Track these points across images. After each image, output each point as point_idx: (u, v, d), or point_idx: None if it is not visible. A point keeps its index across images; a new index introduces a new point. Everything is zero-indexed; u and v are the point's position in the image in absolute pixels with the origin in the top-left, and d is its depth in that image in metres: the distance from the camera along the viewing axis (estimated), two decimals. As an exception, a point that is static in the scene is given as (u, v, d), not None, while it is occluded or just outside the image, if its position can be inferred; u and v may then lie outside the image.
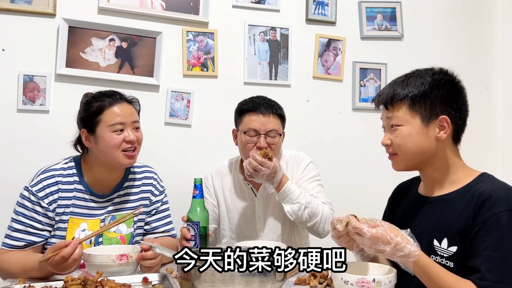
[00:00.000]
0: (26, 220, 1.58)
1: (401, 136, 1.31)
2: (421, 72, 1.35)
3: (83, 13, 2.29)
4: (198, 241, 1.61)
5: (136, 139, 1.66)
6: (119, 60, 2.35)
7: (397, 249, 1.13)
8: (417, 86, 1.30)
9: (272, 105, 1.91)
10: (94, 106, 1.65)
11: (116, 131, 1.62)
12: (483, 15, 2.96)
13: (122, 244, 1.69)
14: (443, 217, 1.28)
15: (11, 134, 2.20)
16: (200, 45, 2.48)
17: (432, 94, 1.29)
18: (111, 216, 1.71)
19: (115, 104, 1.64)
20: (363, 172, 2.69)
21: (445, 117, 1.28)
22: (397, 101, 1.31)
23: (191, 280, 1.12)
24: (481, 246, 1.16)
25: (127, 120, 1.64)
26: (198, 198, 1.65)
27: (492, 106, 2.96)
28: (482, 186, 1.24)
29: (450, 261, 1.23)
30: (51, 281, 1.31)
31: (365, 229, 1.14)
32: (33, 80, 2.23)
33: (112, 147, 1.62)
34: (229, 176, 2.04)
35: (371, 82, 2.75)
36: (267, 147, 1.85)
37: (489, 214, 1.17)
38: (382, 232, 1.13)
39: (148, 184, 1.80)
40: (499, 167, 2.88)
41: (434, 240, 1.27)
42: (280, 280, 1.15)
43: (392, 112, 1.32)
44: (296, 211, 1.79)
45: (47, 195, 1.61)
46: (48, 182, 1.62)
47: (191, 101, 2.46)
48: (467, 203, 1.23)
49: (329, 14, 2.68)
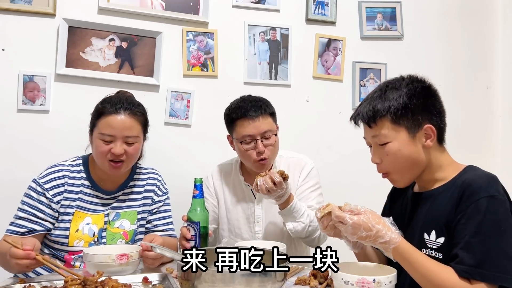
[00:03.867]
0: (29, 209, 1.65)
1: (392, 153, 1.30)
2: (394, 84, 1.33)
3: (83, 13, 2.29)
4: (198, 241, 1.61)
5: (125, 153, 1.65)
6: (119, 60, 2.35)
7: (378, 235, 1.16)
8: (395, 99, 1.29)
9: (260, 106, 1.85)
10: (97, 109, 1.68)
11: (104, 140, 1.64)
12: (483, 15, 2.96)
13: (124, 239, 1.73)
14: (431, 210, 1.30)
15: (11, 134, 2.20)
16: (200, 45, 2.48)
17: (411, 104, 1.28)
18: (115, 213, 1.74)
19: (112, 114, 1.64)
20: (363, 172, 2.68)
21: (429, 125, 1.29)
22: (379, 118, 1.30)
23: (191, 280, 1.12)
24: (461, 233, 1.19)
25: (117, 133, 1.64)
26: (198, 198, 1.65)
27: (492, 106, 2.95)
28: (465, 176, 1.26)
29: (439, 253, 1.25)
30: (51, 281, 1.31)
31: (346, 217, 1.18)
32: (33, 80, 2.23)
33: (99, 154, 1.66)
34: (230, 177, 2.03)
35: (371, 82, 2.75)
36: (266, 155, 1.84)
37: (469, 202, 1.19)
38: (364, 219, 1.17)
39: (152, 184, 1.83)
40: (499, 167, 2.88)
41: (424, 234, 1.29)
42: (280, 280, 1.15)
43: (377, 130, 1.31)
44: (299, 231, 1.79)
45: (53, 187, 1.67)
46: (55, 175, 1.69)
47: (191, 101, 2.46)
48: (452, 194, 1.25)
49: (329, 14, 2.68)
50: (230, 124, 1.90)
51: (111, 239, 1.71)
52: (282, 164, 1.97)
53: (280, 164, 1.97)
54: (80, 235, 1.68)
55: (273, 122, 1.89)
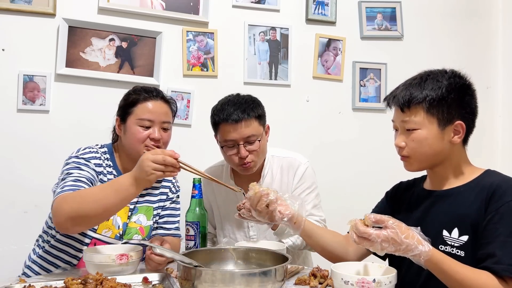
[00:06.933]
0: (81, 171, 1.57)
1: (417, 140, 1.31)
2: (436, 74, 1.34)
3: (83, 13, 2.29)
4: (197, 241, 1.61)
5: (161, 139, 1.67)
6: (119, 60, 2.35)
7: (408, 249, 1.14)
8: (434, 89, 1.29)
9: (244, 110, 1.75)
10: (131, 98, 1.70)
11: (143, 126, 1.65)
12: (483, 15, 2.96)
13: (140, 235, 1.70)
14: (453, 208, 1.30)
15: (11, 134, 2.20)
16: (200, 45, 2.48)
17: (449, 98, 1.29)
18: (133, 207, 1.71)
19: (149, 100, 1.68)
20: (362, 172, 2.69)
21: (461, 122, 1.30)
22: (414, 105, 1.30)
23: (191, 280, 1.12)
24: (494, 233, 1.19)
25: (156, 118, 1.67)
26: (197, 198, 1.66)
27: (492, 106, 2.96)
28: (491, 179, 1.29)
29: (461, 250, 1.25)
30: (51, 281, 1.31)
31: (373, 234, 1.13)
32: (33, 80, 2.23)
33: (137, 141, 1.65)
34: (221, 181, 1.96)
35: (371, 82, 2.75)
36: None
37: (501, 203, 1.21)
38: (392, 235, 1.13)
39: (168, 181, 1.83)
40: (499, 167, 2.86)
41: (443, 231, 1.29)
42: (280, 280, 1.15)
43: (409, 115, 1.31)
44: (299, 245, 1.76)
45: (93, 159, 1.64)
46: (93, 154, 1.66)
47: (191, 101, 2.46)
48: (477, 194, 1.27)
49: (329, 14, 2.68)
50: (214, 126, 1.84)
51: (127, 234, 1.68)
52: (274, 165, 1.91)
53: (273, 165, 1.91)
54: (110, 225, 1.64)
55: (259, 125, 1.79)
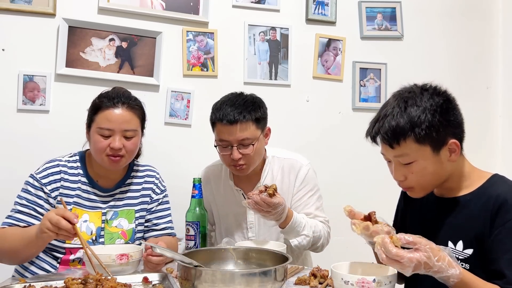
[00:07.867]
0: (28, 204, 1.64)
1: (417, 171, 1.26)
2: (414, 98, 1.25)
3: (83, 13, 2.29)
4: (197, 240, 1.61)
5: (123, 147, 1.64)
6: (119, 60, 2.35)
7: (438, 271, 1.09)
8: (419, 116, 1.22)
9: (241, 111, 1.72)
10: (94, 104, 1.68)
11: (103, 135, 1.63)
12: (483, 15, 2.96)
13: (123, 239, 1.72)
14: (458, 220, 1.28)
15: (11, 134, 2.20)
16: (200, 45, 2.48)
17: (436, 121, 1.22)
18: (113, 212, 1.73)
19: (110, 107, 1.64)
20: (363, 172, 2.69)
21: (454, 141, 1.25)
22: (403, 139, 1.23)
23: (191, 280, 1.12)
24: (502, 248, 1.17)
25: (116, 127, 1.63)
26: (197, 197, 1.66)
27: (492, 106, 2.96)
28: (497, 189, 1.24)
29: (466, 263, 1.23)
30: (51, 281, 1.31)
31: (405, 258, 1.07)
32: (33, 80, 2.23)
33: (97, 150, 1.65)
34: (220, 181, 1.95)
35: (371, 82, 2.75)
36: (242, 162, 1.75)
37: (508, 217, 1.18)
38: (425, 259, 1.07)
39: (150, 182, 1.82)
40: (499, 167, 2.88)
41: (448, 242, 1.27)
42: (280, 280, 1.15)
43: (401, 151, 1.24)
44: (305, 245, 1.74)
45: (50, 182, 1.67)
46: (52, 170, 1.68)
47: (191, 101, 2.46)
48: (483, 206, 1.23)
49: (329, 14, 2.68)
50: (212, 124, 1.83)
51: (109, 239, 1.70)
52: (275, 166, 1.90)
53: (273, 165, 1.90)
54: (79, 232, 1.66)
55: (256, 128, 1.75)
